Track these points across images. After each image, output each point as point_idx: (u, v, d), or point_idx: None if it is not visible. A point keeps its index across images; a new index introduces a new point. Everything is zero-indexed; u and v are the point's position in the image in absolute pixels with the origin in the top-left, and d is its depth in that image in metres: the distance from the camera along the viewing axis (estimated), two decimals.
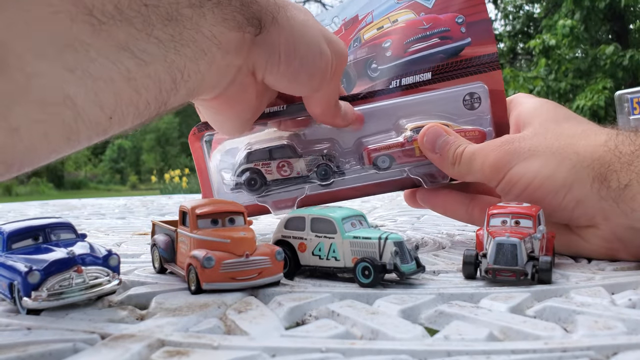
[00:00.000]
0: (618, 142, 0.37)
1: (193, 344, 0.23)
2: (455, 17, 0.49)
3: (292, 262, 0.36)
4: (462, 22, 0.49)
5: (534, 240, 0.34)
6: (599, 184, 0.36)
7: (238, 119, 0.43)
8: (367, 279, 0.32)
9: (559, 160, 0.38)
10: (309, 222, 0.36)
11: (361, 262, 0.33)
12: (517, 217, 0.35)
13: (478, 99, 0.47)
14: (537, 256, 0.33)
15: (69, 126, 0.26)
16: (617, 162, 0.36)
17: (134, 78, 0.27)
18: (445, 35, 0.49)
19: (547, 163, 0.38)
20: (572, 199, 0.37)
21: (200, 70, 0.32)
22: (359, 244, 0.34)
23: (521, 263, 0.32)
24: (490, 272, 0.32)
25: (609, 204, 0.36)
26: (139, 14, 0.27)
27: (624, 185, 0.35)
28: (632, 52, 5.89)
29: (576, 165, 0.37)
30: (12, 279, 0.29)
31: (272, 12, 0.37)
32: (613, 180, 0.35)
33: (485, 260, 0.33)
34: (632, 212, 0.35)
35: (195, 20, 0.31)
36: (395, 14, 0.53)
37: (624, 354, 0.22)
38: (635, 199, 0.35)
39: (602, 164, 0.36)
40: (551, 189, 0.38)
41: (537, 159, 0.39)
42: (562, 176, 0.37)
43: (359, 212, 0.37)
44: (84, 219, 0.86)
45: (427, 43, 0.50)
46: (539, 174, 0.38)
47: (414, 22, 0.51)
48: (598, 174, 0.36)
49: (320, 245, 0.35)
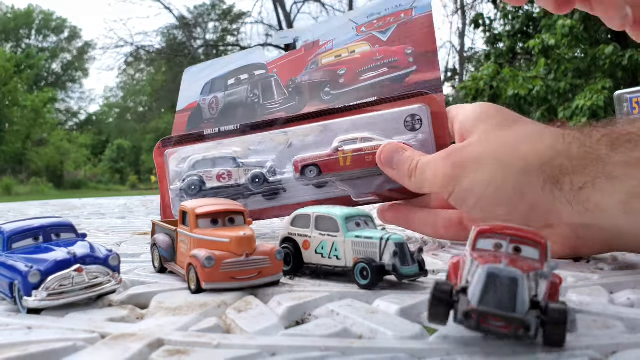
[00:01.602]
0: (566, 144, 0.36)
1: (193, 343, 0.23)
2: (405, 48, 0.54)
3: (296, 259, 0.36)
4: (410, 53, 0.53)
5: (541, 280, 0.23)
6: (551, 186, 0.36)
7: None
8: (366, 280, 0.32)
9: (506, 169, 0.37)
10: (314, 219, 0.36)
11: (360, 263, 0.32)
12: (518, 242, 0.24)
13: (419, 120, 0.48)
14: (542, 303, 0.22)
15: None
16: (569, 164, 0.35)
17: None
18: (393, 64, 0.54)
19: (495, 173, 0.38)
20: (525, 205, 0.37)
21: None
22: (361, 244, 0.33)
23: (521, 309, 0.21)
24: (474, 316, 0.21)
25: (563, 204, 0.36)
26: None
27: (578, 188, 0.35)
28: (631, 52, 5.88)
29: (525, 170, 0.37)
30: (13, 279, 0.29)
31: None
32: (566, 183, 0.35)
33: (465, 299, 0.22)
34: (586, 211, 0.35)
35: None
36: (353, 45, 0.58)
37: (623, 353, 0.22)
38: (589, 201, 0.34)
39: (553, 167, 0.36)
40: (503, 199, 0.38)
41: (484, 170, 0.38)
42: (511, 184, 0.37)
43: (365, 212, 0.36)
44: (84, 218, 0.86)
45: (377, 72, 0.54)
46: (489, 185, 0.38)
47: (368, 54, 0.56)
48: (549, 176, 0.36)
49: (323, 243, 0.35)
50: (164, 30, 13.12)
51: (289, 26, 11.84)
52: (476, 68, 9.57)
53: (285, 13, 12.20)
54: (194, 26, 13.29)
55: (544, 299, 0.23)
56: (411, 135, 0.48)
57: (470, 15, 9.80)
